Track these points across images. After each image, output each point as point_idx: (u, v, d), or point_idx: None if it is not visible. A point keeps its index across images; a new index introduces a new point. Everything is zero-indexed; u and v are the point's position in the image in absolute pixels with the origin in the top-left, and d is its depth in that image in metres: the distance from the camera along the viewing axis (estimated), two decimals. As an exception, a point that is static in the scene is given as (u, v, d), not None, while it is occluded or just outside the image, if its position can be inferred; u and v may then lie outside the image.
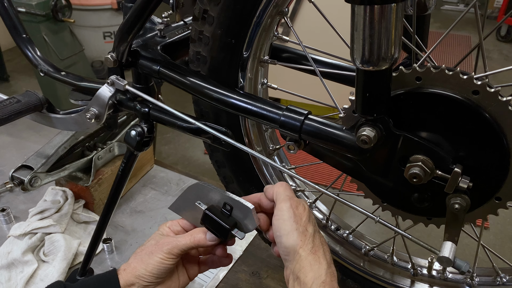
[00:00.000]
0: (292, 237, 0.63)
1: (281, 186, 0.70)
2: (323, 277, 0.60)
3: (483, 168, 0.66)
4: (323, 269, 0.61)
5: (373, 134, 0.64)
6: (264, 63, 0.86)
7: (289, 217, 0.64)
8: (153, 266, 0.68)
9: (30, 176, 1.12)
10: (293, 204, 0.66)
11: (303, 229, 0.64)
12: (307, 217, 0.66)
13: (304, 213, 0.66)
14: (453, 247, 0.66)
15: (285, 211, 0.65)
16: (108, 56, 0.87)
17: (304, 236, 0.63)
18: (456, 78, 0.63)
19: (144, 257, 0.69)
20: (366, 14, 0.55)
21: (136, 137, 0.90)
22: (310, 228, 0.65)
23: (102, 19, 3.02)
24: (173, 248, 0.69)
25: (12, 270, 1.14)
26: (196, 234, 0.70)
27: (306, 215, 0.66)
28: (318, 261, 0.62)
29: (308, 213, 0.67)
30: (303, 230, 0.64)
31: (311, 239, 0.63)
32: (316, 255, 0.62)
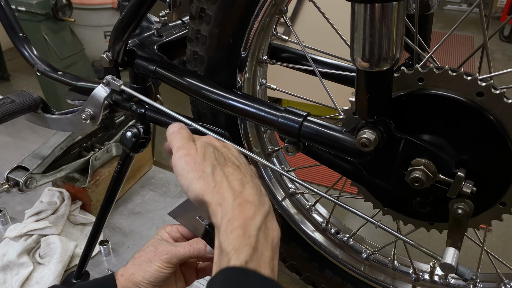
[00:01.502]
0: (192, 188, 0.56)
1: (172, 138, 0.63)
2: (229, 212, 0.52)
3: (487, 172, 0.64)
4: (228, 204, 0.53)
5: (374, 137, 0.62)
6: (263, 63, 0.84)
7: (183, 169, 0.57)
8: (150, 274, 0.67)
9: (25, 177, 1.10)
10: (182, 152, 0.59)
11: (199, 174, 0.56)
12: (201, 157, 0.58)
13: (198, 155, 0.58)
14: (456, 253, 0.64)
15: (177, 165, 0.58)
16: (103, 56, 0.86)
17: (203, 180, 0.56)
18: (460, 79, 0.61)
19: (143, 264, 0.68)
20: (367, 13, 0.53)
21: (132, 139, 0.88)
22: (207, 167, 0.57)
23: (102, 18, 3.02)
24: (172, 258, 0.67)
25: (7, 273, 1.13)
26: (195, 245, 0.69)
27: (200, 156, 0.58)
28: (223, 198, 0.54)
29: (202, 152, 0.59)
30: (200, 175, 0.56)
31: (211, 178, 0.56)
32: (220, 193, 0.55)
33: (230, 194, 0.54)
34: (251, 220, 0.52)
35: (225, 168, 0.58)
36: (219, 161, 0.59)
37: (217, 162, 0.58)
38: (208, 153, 0.59)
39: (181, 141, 0.61)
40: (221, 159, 0.60)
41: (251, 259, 0.50)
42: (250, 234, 0.51)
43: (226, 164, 0.59)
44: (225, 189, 0.55)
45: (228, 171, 0.58)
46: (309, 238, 0.97)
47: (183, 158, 0.58)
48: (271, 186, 0.96)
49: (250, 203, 0.54)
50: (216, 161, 0.59)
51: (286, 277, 1.20)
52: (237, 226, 0.51)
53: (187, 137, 0.63)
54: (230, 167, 0.59)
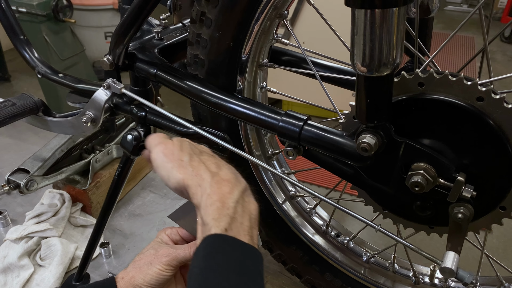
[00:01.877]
0: (173, 176, 0.59)
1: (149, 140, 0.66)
2: (208, 189, 0.56)
3: (487, 177, 0.64)
4: (206, 182, 0.57)
5: (374, 141, 0.62)
6: (263, 66, 0.85)
7: (162, 161, 0.61)
8: (151, 277, 0.67)
9: (26, 180, 1.11)
10: (159, 147, 0.63)
11: (178, 163, 0.60)
12: (178, 149, 0.62)
13: (174, 147, 0.63)
14: (456, 257, 0.65)
15: (156, 158, 0.62)
16: (104, 59, 0.86)
17: (182, 167, 0.60)
18: (460, 84, 0.61)
19: (143, 267, 0.68)
20: (367, 18, 0.53)
21: (132, 142, 0.89)
22: (184, 156, 0.61)
23: (103, 19, 3.01)
24: (172, 260, 0.68)
25: (8, 275, 1.13)
26: (195, 247, 0.69)
27: (176, 148, 0.63)
28: (201, 179, 0.58)
29: (179, 145, 0.63)
30: (179, 164, 0.60)
31: (189, 164, 0.60)
32: (199, 174, 0.59)
33: (208, 174, 0.58)
34: (229, 194, 0.56)
35: (201, 156, 0.63)
36: (194, 151, 0.63)
37: (193, 151, 0.63)
38: (184, 145, 0.64)
39: (157, 139, 0.65)
40: (196, 150, 0.64)
41: (230, 227, 0.54)
42: (228, 206, 0.55)
43: (202, 154, 0.64)
44: (203, 171, 0.59)
45: (204, 158, 0.62)
46: (310, 241, 0.97)
47: (161, 152, 0.62)
48: (272, 189, 0.96)
49: (227, 180, 0.58)
50: (192, 151, 0.63)
51: (286, 279, 1.20)
52: (215, 199, 0.55)
53: (163, 136, 0.67)
54: (205, 155, 0.64)
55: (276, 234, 1.00)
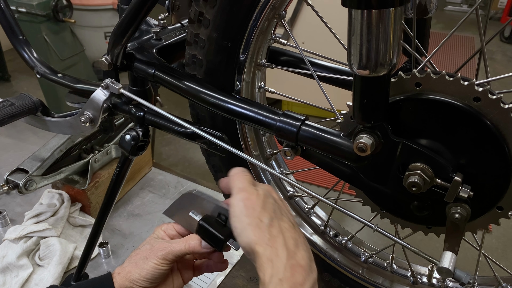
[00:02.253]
0: (246, 234, 0.56)
1: (236, 178, 0.63)
2: (281, 273, 0.52)
3: (484, 177, 0.64)
4: (281, 262, 0.53)
5: (371, 141, 0.62)
6: (261, 66, 0.85)
7: (240, 212, 0.58)
8: (147, 271, 0.68)
9: (25, 180, 1.11)
10: (244, 195, 0.59)
11: (256, 222, 0.56)
12: (261, 206, 0.58)
13: (258, 202, 0.58)
14: (453, 257, 0.65)
15: (236, 206, 0.59)
16: (102, 59, 0.86)
17: (258, 229, 0.56)
18: (457, 84, 0.61)
19: (139, 261, 0.69)
20: (364, 18, 0.53)
21: (130, 142, 0.89)
22: (265, 217, 0.57)
23: (103, 19, 3.02)
24: (168, 254, 0.68)
25: (7, 275, 1.13)
26: (191, 241, 0.70)
27: (259, 203, 0.58)
28: (276, 254, 0.54)
29: (263, 200, 0.59)
30: (256, 223, 0.56)
31: (267, 230, 0.56)
32: (274, 248, 0.54)
33: (284, 252, 0.54)
34: (301, 286, 0.52)
35: (282, 223, 0.58)
36: (276, 214, 0.59)
37: (275, 215, 0.59)
38: (268, 203, 0.60)
39: (243, 183, 0.62)
40: (279, 212, 0.60)
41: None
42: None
43: (283, 219, 0.59)
44: (280, 246, 0.54)
45: (284, 227, 0.58)
46: (308, 240, 0.97)
47: (242, 201, 0.59)
48: (270, 189, 0.96)
49: (302, 267, 0.53)
50: (274, 213, 0.59)
51: (285, 279, 1.20)
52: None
53: (249, 180, 0.63)
54: (286, 222, 0.59)
55: (275, 234, 1.00)
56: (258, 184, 0.65)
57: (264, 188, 0.63)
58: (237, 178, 0.63)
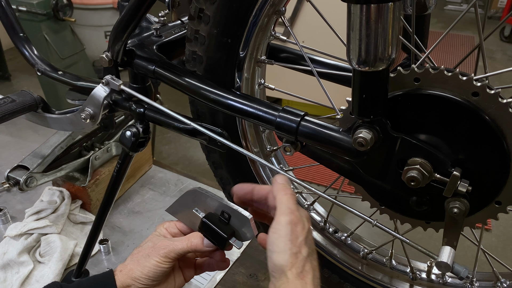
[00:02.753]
0: (283, 256, 0.59)
1: (285, 194, 0.65)
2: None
3: (482, 172, 0.65)
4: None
5: (370, 136, 0.63)
6: (261, 63, 0.85)
7: (285, 235, 0.60)
8: (149, 269, 0.68)
9: (25, 177, 1.11)
10: (294, 220, 0.62)
11: (296, 250, 0.60)
12: (304, 238, 0.62)
13: (302, 232, 0.62)
14: (451, 252, 0.65)
15: (283, 226, 0.61)
16: (103, 56, 0.86)
17: (296, 258, 0.59)
18: (456, 79, 0.61)
19: (141, 259, 0.69)
20: (363, 13, 0.53)
21: (131, 138, 0.89)
22: (305, 250, 0.61)
23: (103, 18, 3.02)
24: (170, 252, 0.68)
25: (7, 271, 1.14)
26: (193, 239, 0.70)
27: (303, 235, 0.62)
28: (304, 287, 0.58)
29: (307, 233, 0.63)
30: (296, 252, 0.60)
31: (302, 263, 0.60)
32: (304, 281, 0.59)
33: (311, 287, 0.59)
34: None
35: (314, 261, 0.63)
36: (311, 250, 0.63)
37: (311, 251, 0.63)
38: (310, 238, 0.64)
39: (292, 204, 0.64)
40: (312, 247, 0.64)
41: None
42: None
43: (314, 257, 0.63)
44: (309, 281, 0.59)
45: (314, 265, 0.63)
46: (307, 237, 0.98)
47: (290, 225, 0.61)
48: (270, 185, 0.97)
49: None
50: (310, 249, 0.63)
51: (284, 276, 1.20)
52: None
53: (296, 203, 0.66)
54: (315, 261, 0.64)
55: (274, 231, 1.01)
56: (299, 208, 0.67)
57: (305, 216, 0.66)
58: (286, 194, 0.65)
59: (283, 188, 0.66)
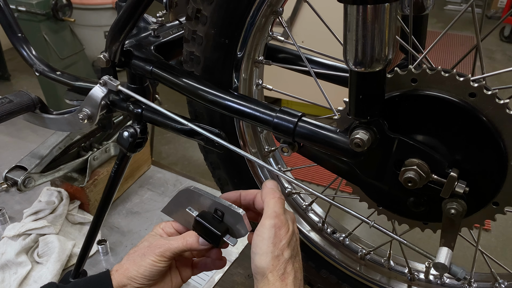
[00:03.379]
0: (265, 259, 0.61)
1: (272, 197, 0.67)
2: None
3: (480, 173, 0.64)
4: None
5: (367, 137, 0.63)
6: (259, 63, 0.85)
7: (268, 238, 0.62)
8: (145, 268, 0.68)
9: (23, 177, 1.11)
10: (278, 223, 0.64)
11: (278, 253, 0.62)
12: (287, 241, 0.64)
13: (286, 236, 0.64)
14: (449, 253, 0.65)
15: (267, 229, 0.63)
16: (100, 56, 0.86)
17: (277, 260, 0.61)
18: (453, 80, 0.61)
19: (137, 258, 0.69)
20: (359, 14, 0.53)
21: (128, 138, 0.89)
22: (287, 253, 0.63)
23: (102, 18, 3.02)
24: (166, 251, 0.68)
25: (5, 272, 1.14)
26: (188, 238, 0.70)
27: (287, 238, 0.64)
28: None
29: (290, 236, 0.65)
30: (278, 254, 0.62)
31: (284, 265, 0.62)
32: (284, 282, 0.61)
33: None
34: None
35: (296, 263, 0.65)
36: (295, 253, 0.65)
37: (294, 253, 0.65)
38: (294, 240, 0.66)
39: (279, 208, 0.66)
40: (297, 251, 0.66)
41: None
42: None
43: (296, 259, 0.65)
44: (289, 283, 0.61)
45: (296, 267, 0.64)
46: (305, 237, 0.98)
47: (274, 228, 0.63)
48: (268, 186, 0.97)
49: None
50: (294, 251, 0.65)
51: (283, 276, 1.20)
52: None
53: (283, 207, 0.68)
54: (298, 263, 0.66)
55: (272, 231, 1.01)
56: (286, 211, 0.69)
57: (291, 218, 0.68)
58: (273, 198, 0.67)
59: (271, 192, 0.68)
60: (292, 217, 0.68)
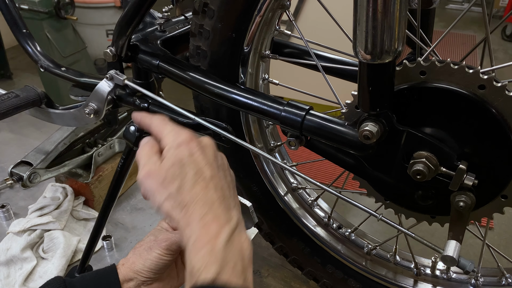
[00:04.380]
0: (162, 208, 0.55)
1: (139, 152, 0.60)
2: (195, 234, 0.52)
3: (488, 165, 0.64)
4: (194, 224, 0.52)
5: (376, 129, 0.63)
6: (265, 58, 0.85)
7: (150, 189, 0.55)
8: (151, 262, 0.68)
9: (29, 172, 1.11)
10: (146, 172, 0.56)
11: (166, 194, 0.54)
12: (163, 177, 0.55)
13: (161, 173, 0.55)
14: (457, 246, 0.65)
15: (144, 183, 0.56)
16: (107, 51, 0.86)
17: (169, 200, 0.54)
18: (462, 72, 0.61)
19: (143, 252, 0.69)
20: (369, 5, 0.53)
21: (135, 133, 0.89)
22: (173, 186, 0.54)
23: (105, 17, 3.02)
24: (171, 244, 0.68)
25: (11, 267, 1.14)
26: None
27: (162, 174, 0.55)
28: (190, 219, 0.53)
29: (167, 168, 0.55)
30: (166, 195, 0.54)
31: (178, 199, 0.54)
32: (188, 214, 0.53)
33: (196, 215, 0.53)
34: (216, 237, 0.51)
35: (196, 185, 0.55)
36: (188, 176, 0.55)
37: (183, 181, 0.55)
38: (173, 171, 0.56)
39: (144, 158, 0.58)
40: (192, 172, 0.56)
41: (221, 273, 0.49)
42: (216, 250, 0.50)
43: (195, 182, 0.55)
44: (192, 211, 0.53)
45: (198, 188, 0.55)
46: (311, 233, 0.98)
47: (145, 180, 0.56)
48: (273, 181, 0.97)
49: (216, 222, 0.53)
50: (182, 180, 0.55)
51: (288, 272, 1.20)
52: (203, 245, 0.51)
53: (150, 151, 0.59)
54: (198, 185, 0.55)
55: (278, 226, 1.01)
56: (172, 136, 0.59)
57: (172, 150, 0.58)
58: (139, 153, 0.60)
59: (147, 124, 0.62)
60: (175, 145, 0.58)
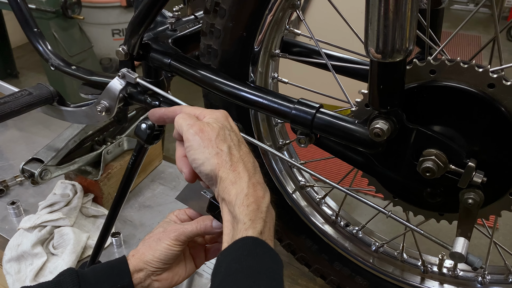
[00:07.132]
0: (209, 162, 0.60)
1: (179, 118, 0.65)
2: (245, 189, 0.58)
3: (497, 163, 0.65)
4: (244, 182, 0.59)
5: (387, 127, 0.64)
6: (275, 57, 0.86)
7: (198, 145, 0.61)
8: (160, 252, 0.69)
9: (40, 169, 1.12)
10: (196, 129, 0.62)
11: (216, 151, 0.60)
12: (215, 135, 0.61)
13: (212, 132, 0.62)
14: (465, 243, 0.66)
15: (192, 140, 0.61)
16: (119, 49, 0.88)
17: (219, 157, 0.60)
18: (471, 71, 0.62)
19: (152, 243, 0.71)
20: (381, 4, 0.54)
21: (146, 130, 0.90)
22: (223, 145, 0.61)
23: (111, 17, 3.04)
24: (180, 235, 0.70)
25: (21, 262, 1.15)
26: (202, 222, 0.71)
27: (214, 133, 0.62)
28: (239, 176, 0.59)
29: (217, 130, 0.62)
30: (217, 152, 0.60)
31: (228, 157, 0.60)
32: (236, 171, 0.60)
33: (246, 174, 0.60)
34: (262, 198, 0.59)
35: (240, 151, 0.63)
36: (234, 142, 0.63)
37: (233, 143, 0.63)
38: (222, 132, 0.63)
39: (189, 120, 0.64)
40: (235, 140, 0.64)
41: (263, 231, 0.57)
42: (262, 209, 0.58)
43: (240, 146, 0.63)
44: (241, 169, 0.60)
45: (243, 153, 0.62)
46: (319, 230, 0.99)
47: (198, 135, 0.61)
48: (282, 179, 0.98)
49: (261, 184, 0.61)
50: (232, 142, 0.63)
51: (295, 270, 1.21)
52: (252, 201, 0.57)
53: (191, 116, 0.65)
54: (243, 149, 0.63)
55: (286, 224, 1.02)
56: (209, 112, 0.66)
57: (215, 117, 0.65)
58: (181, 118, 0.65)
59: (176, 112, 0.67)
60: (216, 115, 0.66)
